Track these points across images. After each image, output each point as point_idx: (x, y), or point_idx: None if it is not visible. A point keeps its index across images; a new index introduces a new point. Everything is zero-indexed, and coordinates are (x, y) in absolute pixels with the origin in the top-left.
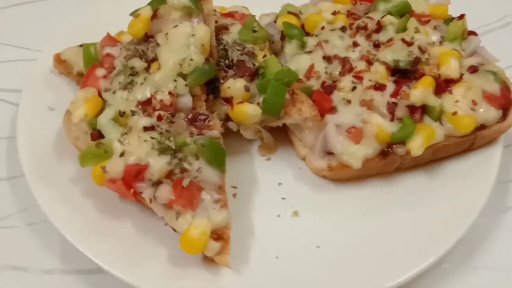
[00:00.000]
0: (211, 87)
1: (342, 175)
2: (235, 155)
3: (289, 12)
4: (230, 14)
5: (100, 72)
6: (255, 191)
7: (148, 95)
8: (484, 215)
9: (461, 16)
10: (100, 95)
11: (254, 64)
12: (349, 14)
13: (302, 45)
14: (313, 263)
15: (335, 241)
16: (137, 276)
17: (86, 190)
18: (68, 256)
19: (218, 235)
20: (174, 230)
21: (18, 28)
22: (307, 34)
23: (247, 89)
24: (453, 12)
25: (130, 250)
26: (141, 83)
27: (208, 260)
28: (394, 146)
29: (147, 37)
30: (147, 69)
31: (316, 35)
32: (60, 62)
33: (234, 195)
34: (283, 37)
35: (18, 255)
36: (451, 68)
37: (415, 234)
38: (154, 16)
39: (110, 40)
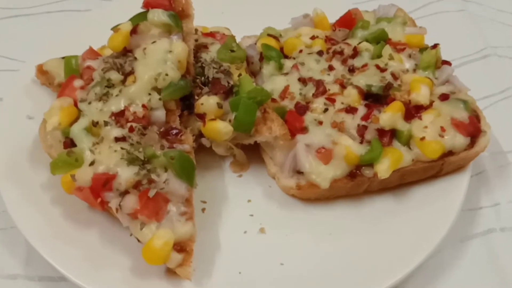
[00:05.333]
0: (186, 103)
1: (310, 195)
2: (207, 171)
3: (269, 35)
4: (211, 34)
5: (77, 83)
6: (224, 206)
7: (122, 106)
8: (451, 241)
9: (435, 46)
10: (76, 105)
11: (228, 82)
12: (327, 39)
13: (280, 67)
14: (276, 279)
15: (299, 259)
16: (97, 285)
17: (55, 198)
18: (32, 262)
19: (181, 247)
20: (139, 240)
21: (6, 39)
22: (286, 56)
23: (219, 106)
24: (433, 43)
25: (93, 258)
26: (116, 95)
27: (171, 272)
28: (362, 168)
29: (126, 51)
30: (123, 82)
31: (294, 58)
32: (42, 73)
33: (203, 209)
34: (262, 58)
35: None
36: (421, 95)
37: (377, 256)
38: (134, 31)
39: (92, 53)
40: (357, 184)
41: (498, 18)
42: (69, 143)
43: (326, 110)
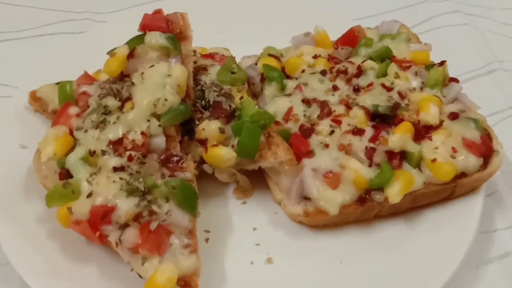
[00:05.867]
0: (186, 128)
1: (318, 221)
2: (209, 198)
3: (270, 55)
4: (210, 55)
5: (73, 110)
6: (228, 236)
7: (120, 134)
8: (466, 266)
9: (442, 63)
10: (72, 133)
11: (230, 106)
12: (330, 58)
13: (282, 88)
14: None
15: None
16: None
17: (51, 232)
18: None
19: (186, 282)
20: (140, 276)
21: None
22: (288, 77)
23: (222, 131)
24: (438, 58)
25: None
26: (114, 122)
27: None
28: (372, 192)
29: (123, 76)
30: (121, 108)
31: (296, 78)
32: (36, 99)
33: (207, 239)
34: (263, 79)
35: None
36: (430, 114)
37: (393, 285)
38: (131, 55)
39: (87, 78)
40: (367, 209)
41: (503, 31)
42: (65, 174)
43: (332, 132)
